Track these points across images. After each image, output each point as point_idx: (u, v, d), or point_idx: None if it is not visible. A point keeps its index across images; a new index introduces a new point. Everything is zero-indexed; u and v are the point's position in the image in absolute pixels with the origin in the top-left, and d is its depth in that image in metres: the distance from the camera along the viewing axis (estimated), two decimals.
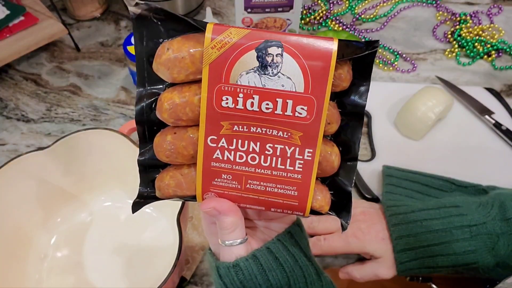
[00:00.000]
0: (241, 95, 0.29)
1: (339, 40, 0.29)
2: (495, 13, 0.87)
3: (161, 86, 0.32)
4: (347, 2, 0.88)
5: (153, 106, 0.32)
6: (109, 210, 0.60)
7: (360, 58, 0.30)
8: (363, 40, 0.82)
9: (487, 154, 0.66)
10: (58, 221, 0.58)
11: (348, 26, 0.84)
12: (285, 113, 0.30)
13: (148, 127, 0.33)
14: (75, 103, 0.74)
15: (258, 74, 0.29)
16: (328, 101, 0.30)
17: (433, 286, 0.55)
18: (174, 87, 0.31)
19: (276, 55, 0.29)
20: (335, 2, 0.88)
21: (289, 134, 0.30)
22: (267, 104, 0.29)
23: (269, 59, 0.29)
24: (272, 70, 0.29)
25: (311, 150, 0.31)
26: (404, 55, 0.80)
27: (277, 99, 0.29)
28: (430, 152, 0.66)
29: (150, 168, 0.34)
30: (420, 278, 0.55)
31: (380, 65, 0.79)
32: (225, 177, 0.32)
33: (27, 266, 0.54)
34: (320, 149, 0.31)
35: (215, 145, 0.31)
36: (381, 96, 0.73)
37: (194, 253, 0.57)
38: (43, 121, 0.71)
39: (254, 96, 0.29)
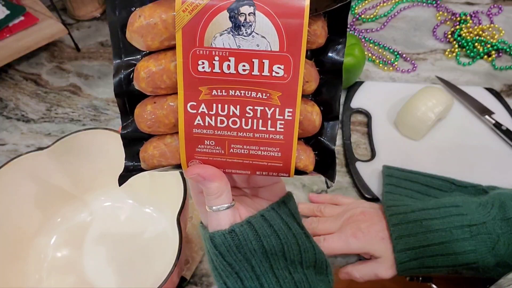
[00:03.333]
0: (216, 58, 0.29)
1: None
2: (495, 13, 0.87)
3: (138, 56, 0.31)
4: None
5: (131, 77, 0.32)
6: (109, 210, 0.60)
7: (335, 14, 0.30)
8: None
9: (487, 154, 0.66)
10: (58, 221, 0.58)
11: (348, 26, 0.84)
12: (262, 74, 0.29)
13: (128, 99, 0.32)
14: (75, 103, 0.74)
15: (232, 35, 0.29)
16: (304, 59, 0.29)
17: (433, 286, 0.55)
18: (150, 56, 0.31)
19: (249, 14, 0.28)
20: None
21: (268, 94, 0.30)
22: (244, 66, 0.29)
23: (241, 18, 0.28)
24: (245, 30, 0.28)
25: (291, 110, 0.31)
26: (404, 55, 0.80)
27: (253, 60, 0.29)
28: (430, 152, 0.66)
29: (133, 141, 0.34)
30: (420, 278, 0.55)
31: (380, 65, 0.79)
32: (208, 143, 0.32)
33: (27, 266, 0.54)
34: (300, 108, 0.31)
35: (195, 111, 0.31)
36: (381, 96, 0.73)
37: (194, 253, 0.57)
38: (43, 121, 0.71)
39: (230, 58, 0.29)
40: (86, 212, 0.60)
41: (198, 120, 0.31)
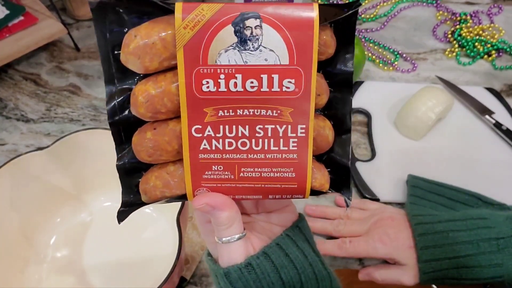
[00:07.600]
0: (222, 76, 0.27)
1: (319, 5, 0.28)
2: (495, 13, 0.87)
3: (132, 81, 0.29)
4: (347, 1, 0.88)
5: (125, 103, 0.29)
6: (109, 210, 0.60)
7: (341, 22, 0.29)
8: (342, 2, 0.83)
9: (487, 154, 0.66)
10: (58, 221, 0.58)
11: None
12: (272, 90, 0.28)
13: (123, 127, 0.30)
14: (75, 103, 0.73)
15: (238, 50, 0.27)
16: (316, 71, 0.28)
17: (434, 286, 0.54)
18: (148, 78, 0.28)
19: (255, 27, 0.27)
20: (335, 1, 0.88)
21: (278, 111, 0.29)
22: (252, 82, 0.28)
23: (247, 32, 0.27)
24: (252, 44, 0.27)
25: (304, 126, 0.29)
26: (404, 55, 0.80)
27: (261, 75, 0.28)
28: (430, 152, 0.66)
29: (131, 173, 0.31)
30: None
31: (380, 65, 0.79)
32: (216, 169, 0.30)
33: (27, 266, 0.54)
34: (313, 124, 0.29)
35: (200, 135, 0.29)
36: (381, 96, 0.73)
37: (194, 253, 0.57)
38: (42, 121, 0.71)
39: (236, 75, 0.27)
40: (85, 212, 0.60)
41: (204, 145, 0.29)
